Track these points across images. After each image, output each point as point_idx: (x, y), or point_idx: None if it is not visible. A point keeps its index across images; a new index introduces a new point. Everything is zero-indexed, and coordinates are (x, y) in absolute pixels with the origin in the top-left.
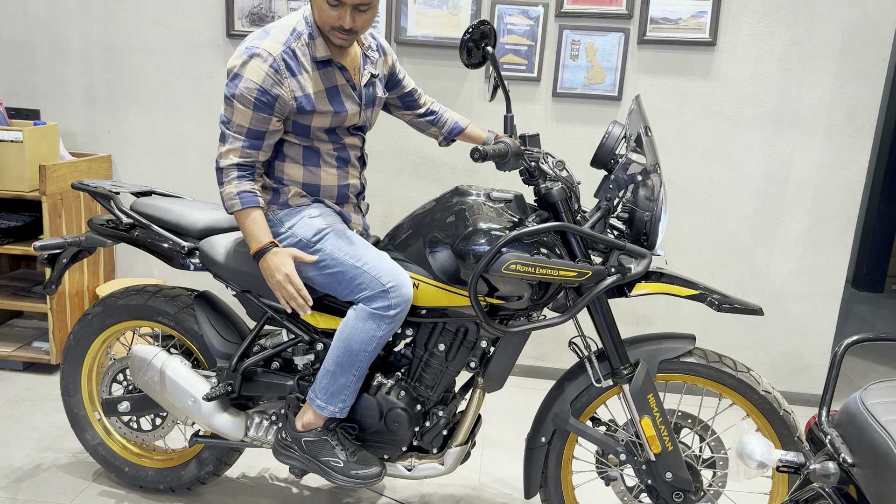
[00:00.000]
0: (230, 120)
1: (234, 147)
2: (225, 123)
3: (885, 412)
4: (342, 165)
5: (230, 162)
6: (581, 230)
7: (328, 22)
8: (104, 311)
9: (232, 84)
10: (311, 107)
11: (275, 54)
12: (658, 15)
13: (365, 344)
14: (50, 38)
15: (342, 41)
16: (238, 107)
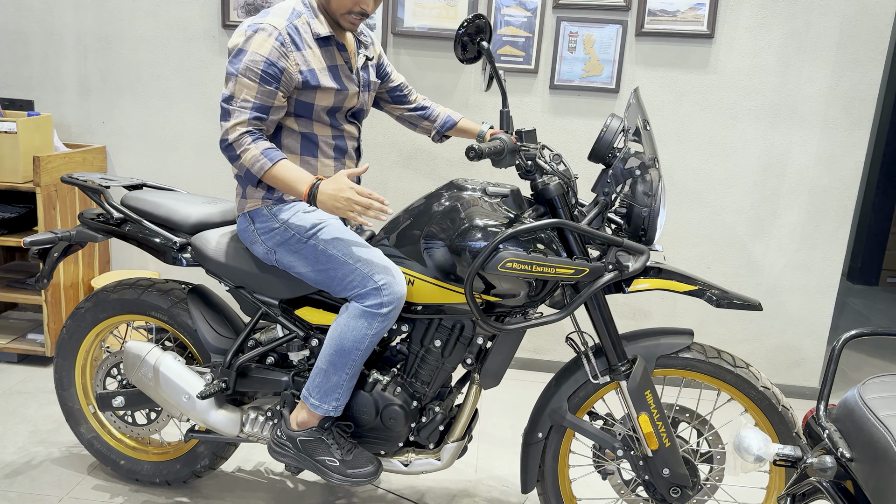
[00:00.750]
0: (233, 96)
1: (241, 119)
2: (228, 100)
3: (883, 407)
4: (339, 156)
5: (240, 131)
6: (578, 227)
7: (346, 6)
8: (97, 305)
9: (236, 60)
10: (316, 82)
11: (280, 28)
12: (656, 7)
13: (358, 342)
14: (44, 28)
15: (354, 25)
16: (243, 80)
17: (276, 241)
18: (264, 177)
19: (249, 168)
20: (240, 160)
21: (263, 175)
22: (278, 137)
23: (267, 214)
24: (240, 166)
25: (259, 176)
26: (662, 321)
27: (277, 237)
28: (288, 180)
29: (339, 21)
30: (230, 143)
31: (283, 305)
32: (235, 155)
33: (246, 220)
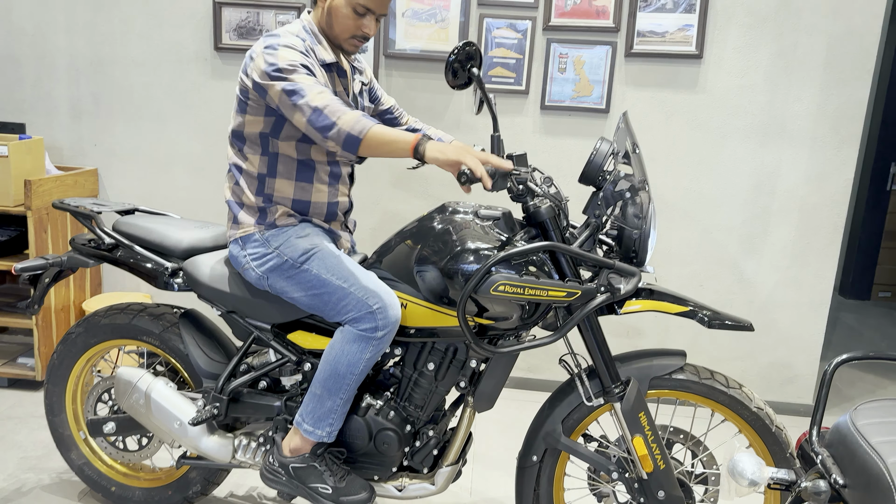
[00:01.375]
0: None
1: (318, 89)
2: (298, 85)
3: (875, 433)
4: (333, 182)
5: (330, 95)
6: (570, 249)
7: (349, 31)
8: (88, 330)
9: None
10: None
11: (300, 48)
12: (645, 28)
13: (352, 366)
14: (35, 52)
15: (356, 48)
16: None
17: (269, 266)
18: (366, 137)
19: (349, 131)
20: (336, 126)
21: (366, 134)
22: (275, 164)
23: (259, 240)
24: (336, 134)
25: (361, 136)
26: (656, 339)
27: (270, 263)
28: (391, 140)
29: (342, 45)
30: (322, 110)
31: (275, 330)
32: (330, 123)
33: (238, 245)
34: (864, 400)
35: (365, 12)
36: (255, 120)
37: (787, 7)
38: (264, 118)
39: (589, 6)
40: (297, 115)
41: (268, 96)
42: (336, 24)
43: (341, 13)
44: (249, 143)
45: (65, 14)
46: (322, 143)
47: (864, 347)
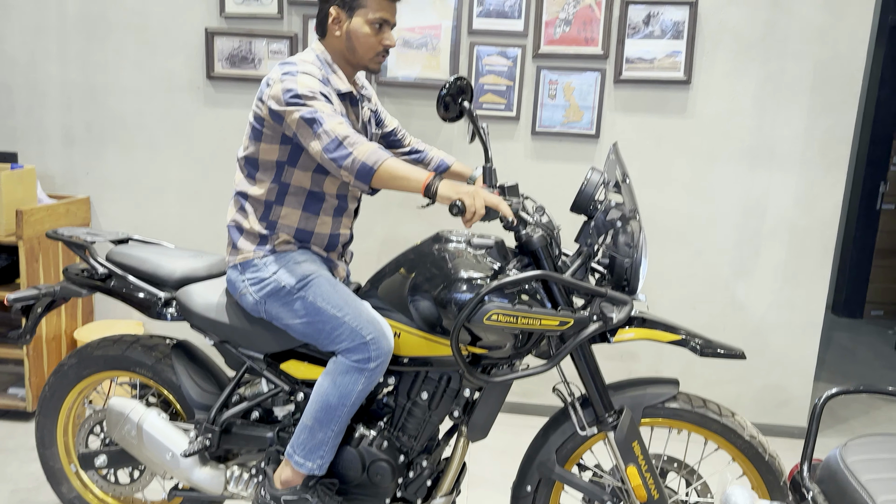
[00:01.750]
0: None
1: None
2: (314, 112)
3: (865, 471)
4: (338, 215)
5: (347, 126)
6: (562, 279)
7: (373, 48)
8: (80, 361)
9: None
10: None
11: (315, 74)
12: (633, 55)
13: (344, 398)
14: (28, 81)
15: (378, 65)
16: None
17: (266, 292)
18: (380, 169)
19: (364, 161)
20: (351, 156)
21: (380, 166)
22: (284, 193)
23: (258, 265)
24: (350, 165)
25: (375, 168)
26: (650, 363)
27: (268, 288)
28: (404, 174)
29: (368, 65)
30: (341, 141)
31: (268, 359)
32: (346, 153)
33: (236, 271)
34: (854, 435)
35: (382, 24)
36: (270, 148)
37: (774, 33)
38: (280, 146)
39: (577, 34)
40: (314, 143)
41: (285, 123)
42: (359, 46)
43: (362, 33)
44: (263, 169)
45: (57, 43)
46: (335, 173)
47: (858, 367)
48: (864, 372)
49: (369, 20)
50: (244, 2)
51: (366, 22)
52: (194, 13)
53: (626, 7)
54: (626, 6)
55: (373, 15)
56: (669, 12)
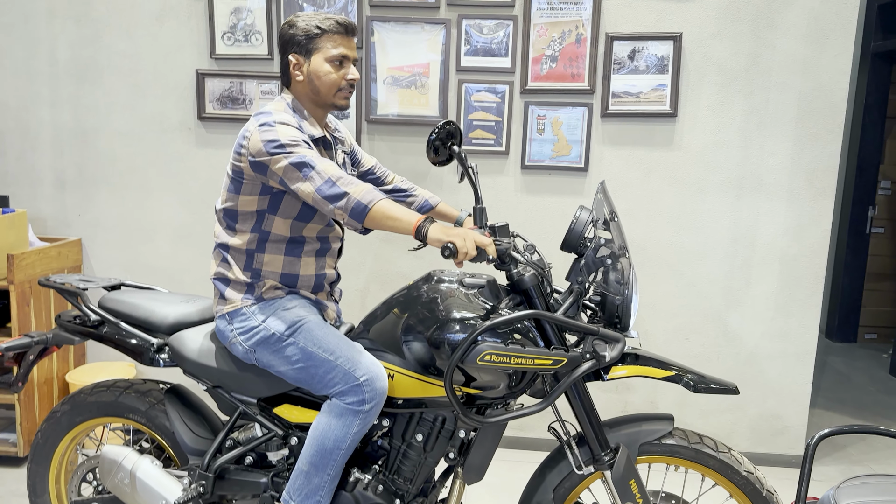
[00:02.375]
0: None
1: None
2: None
3: None
4: (321, 255)
5: (335, 168)
6: (554, 317)
7: (336, 84)
8: (73, 408)
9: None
10: None
11: (294, 122)
12: (619, 89)
13: (339, 441)
14: (20, 125)
15: (345, 100)
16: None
17: (256, 340)
18: (374, 208)
19: (359, 199)
20: (347, 196)
21: (374, 206)
22: (265, 240)
23: (246, 314)
24: (344, 204)
25: (370, 207)
26: (645, 395)
27: (257, 337)
28: (396, 216)
29: (335, 102)
30: (335, 180)
31: (261, 404)
32: (341, 192)
33: (225, 320)
34: (849, 476)
35: (342, 61)
36: (250, 199)
37: (757, 65)
38: (259, 196)
39: (564, 70)
40: (305, 185)
41: (269, 171)
42: (321, 86)
43: (322, 72)
44: (242, 220)
45: (49, 87)
46: (328, 213)
47: (854, 392)
48: (860, 397)
49: (328, 58)
50: (234, 43)
51: (325, 60)
52: (185, 55)
53: (610, 43)
54: (610, 42)
55: (331, 52)
56: (654, 47)
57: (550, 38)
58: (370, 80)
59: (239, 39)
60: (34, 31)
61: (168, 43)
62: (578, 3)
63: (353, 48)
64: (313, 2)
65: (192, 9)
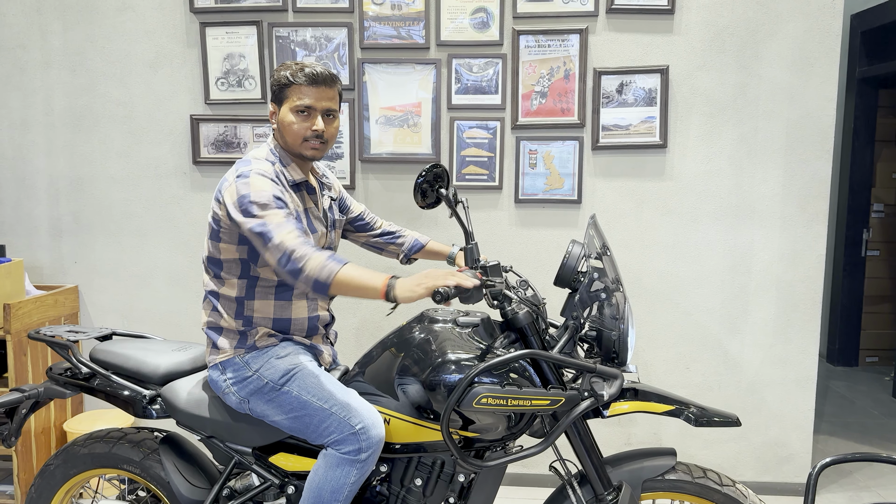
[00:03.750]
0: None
1: (289, 229)
2: (264, 226)
3: None
4: (312, 298)
5: (296, 239)
6: (550, 356)
7: (301, 135)
8: (66, 461)
9: (246, 201)
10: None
11: (268, 172)
12: (609, 122)
13: (336, 492)
14: (16, 174)
15: (315, 151)
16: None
17: (249, 390)
18: (334, 282)
19: (317, 277)
20: (304, 273)
21: (334, 279)
22: (253, 286)
23: (239, 363)
24: (305, 279)
25: (328, 282)
26: (647, 427)
27: (250, 386)
28: (361, 282)
29: (302, 152)
30: (290, 255)
31: (256, 453)
32: (298, 268)
33: (217, 370)
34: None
35: (307, 111)
36: (228, 248)
37: (745, 95)
38: (238, 245)
39: (554, 105)
40: (268, 255)
41: (241, 228)
42: (287, 135)
43: (287, 121)
44: (227, 269)
45: (44, 136)
46: (294, 285)
47: (858, 416)
48: (863, 422)
49: (293, 108)
50: (228, 88)
51: (290, 110)
52: (179, 101)
53: (598, 77)
54: (598, 76)
55: (295, 102)
56: (641, 80)
57: (539, 74)
58: (363, 119)
59: (232, 84)
60: (30, 81)
61: (162, 90)
62: (565, 39)
63: (323, 98)
64: (304, 46)
65: (186, 56)
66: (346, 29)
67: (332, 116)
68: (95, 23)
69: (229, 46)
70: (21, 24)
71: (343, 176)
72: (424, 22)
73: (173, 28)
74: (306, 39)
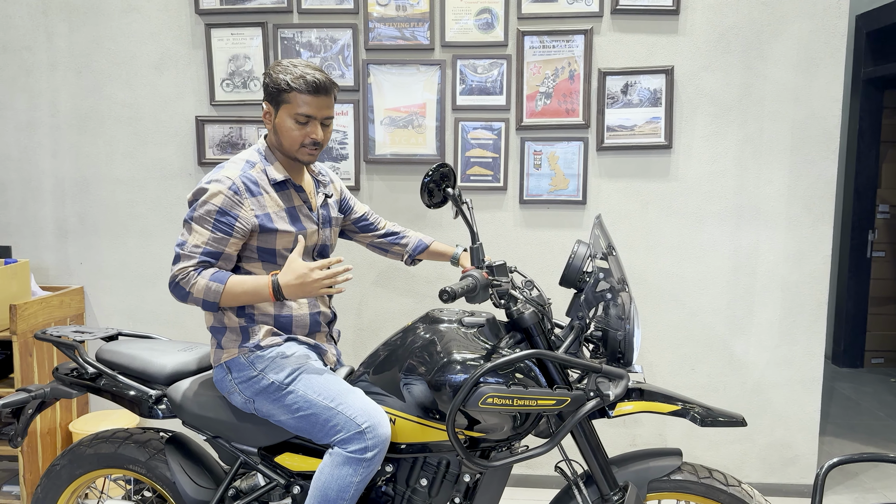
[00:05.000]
0: (185, 242)
1: (189, 263)
2: (180, 245)
3: None
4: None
5: (185, 268)
6: (556, 356)
7: (298, 141)
8: (72, 461)
9: (191, 209)
10: (272, 225)
11: (233, 178)
12: (614, 123)
13: (342, 491)
14: (21, 176)
15: (310, 156)
16: (196, 228)
17: (255, 390)
18: (222, 300)
19: (205, 298)
20: (191, 295)
21: (221, 298)
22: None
23: (244, 363)
24: (194, 300)
25: (217, 301)
26: (652, 428)
27: (255, 386)
28: (246, 292)
29: (297, 156)
30: (177, 282)
31: (262, 453)
32: (185, 293)
33: (223, 370)
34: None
35: (307, 120)
36: None
37: (750, 96)
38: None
39: (558, 105)
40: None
41: None
42: (284, 139)
43: (285, 126)
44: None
45: (50, 138)
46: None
47: (863, 418)
48: (869, 423)
49: (292, 115)
50: (233, 90)
51: (289, 116)
52: (184, 103)
53: (603, 78)
54: (603, 77)
55: (295, 110)
56: (646, 81)
57: (544, 75)
58: (367, 121)
59: (238, 86)
60: (36, 83)
61: (168, 91)
62: (570, 40)
63: (323, 106)
64: (309, 47)
65: (192, 57)
66: (351, 30)
67: (329, 123)
68: (101, 24)
69: (234, 48)
70: (27, 25)
71: (348, 177)
72: (429, 23)
73: (178, 29)
74: (311, 41)
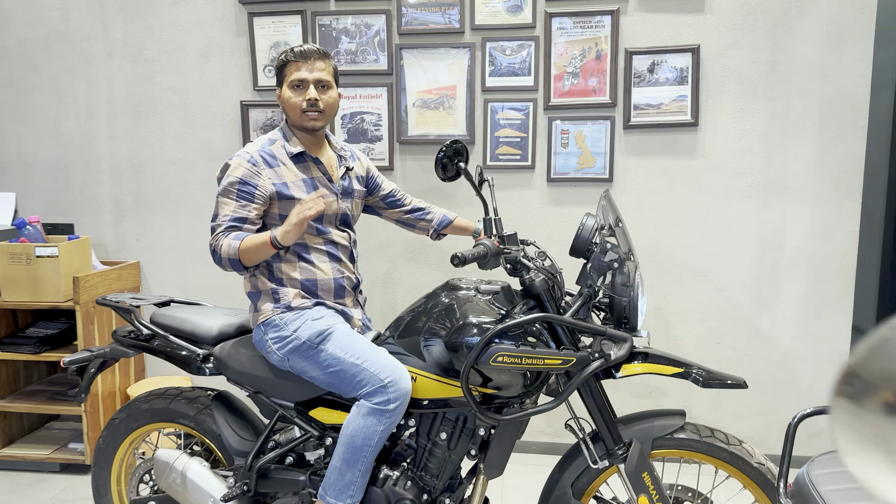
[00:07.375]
0: (217, 214)
1: (218, 232)
2: (213, 219)
3: (826, 482)
4: (333, 261)
5: (217, 235)
6: (563, 319)
7: (298, 107)
8: (130, 415)
9: (219, 185)
10: (288, 192)
11: (252, 152)
12: (641, 101)
13: (368, 438)
14: (82, 158)
15: (314, 122)
16: (223, 200)
17: (289, 348)
18: (241, 256)
19: (230, 257)
20: (222, 258)
21: (239, 254)
22: (278, 255)
23: (279, 324)
24: (226, 263)
25: (237, 257)
26: (678, 398)
27: (290, 345)
28: (255, 244)
29: (303, 124)
30: (213, 250)
31: (298, 407)
32: (218, 257)
33: (260, 330)
34: None
35: (300, 83)
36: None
37: (777, 73)
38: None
39: (585, 85)
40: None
41: None
42: (289, 110)
43: (286, 97)
44: None
45: (107, 123)
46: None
47: None
48: None
49: (289, 84)
50: (275, 75)
51: (288, 87)
52: (230, 89)
53: (630, 57)
54: (630, 57)
55: (289, 78)
56: (673, 59)
57: (571, 55)
58: (400, 103)
59: None
60: (94, 71)
61: (214, 78)
62: (597, 21)
63: (314, 70)
64: (346, 33)
65: (236, 45)
66: (385, 16)
67: (326, 87)
68: (152, 15)
69: (275, 35)
70: (85, 18)
71: (382, 157)
72: (459, 7)
73: (223, 19)
74: (347, 27)
